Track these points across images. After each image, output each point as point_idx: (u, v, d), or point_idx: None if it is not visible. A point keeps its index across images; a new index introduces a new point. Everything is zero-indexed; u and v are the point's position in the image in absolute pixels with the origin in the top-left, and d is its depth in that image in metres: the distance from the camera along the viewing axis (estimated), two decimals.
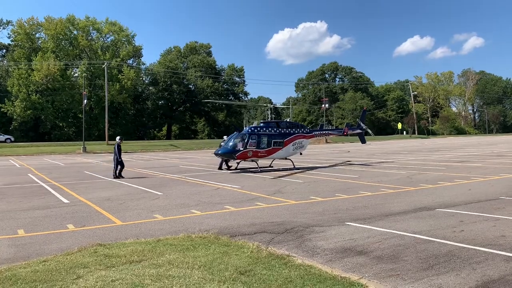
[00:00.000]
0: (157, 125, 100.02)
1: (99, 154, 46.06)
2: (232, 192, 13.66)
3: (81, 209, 11.05)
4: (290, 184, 15.47)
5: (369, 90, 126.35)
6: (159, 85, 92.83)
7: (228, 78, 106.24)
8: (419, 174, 18.16)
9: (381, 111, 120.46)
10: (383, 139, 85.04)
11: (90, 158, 38.00)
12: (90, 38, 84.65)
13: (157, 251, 6.52)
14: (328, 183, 15.79)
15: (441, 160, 26.32)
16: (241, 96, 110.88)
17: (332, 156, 33.41)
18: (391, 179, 16.56)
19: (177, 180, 17.97)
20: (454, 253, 6.37)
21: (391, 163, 24.98)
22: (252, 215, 9.75)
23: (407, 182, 15.47)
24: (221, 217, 9.54)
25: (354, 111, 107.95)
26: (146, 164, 28.86)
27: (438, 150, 38.19)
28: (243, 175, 19.61)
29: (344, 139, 72.12)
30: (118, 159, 19.04)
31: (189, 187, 15.26)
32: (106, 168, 25.90)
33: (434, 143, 62.17)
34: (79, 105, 71.02)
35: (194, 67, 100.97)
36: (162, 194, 13.50)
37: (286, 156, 22.50)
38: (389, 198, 11.91)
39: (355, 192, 12.98)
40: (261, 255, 6.28)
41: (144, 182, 17.28)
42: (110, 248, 6.76)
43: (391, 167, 22.03)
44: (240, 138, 20.98)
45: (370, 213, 9.69)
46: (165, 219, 9.50)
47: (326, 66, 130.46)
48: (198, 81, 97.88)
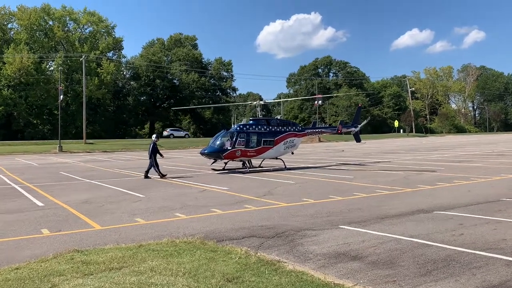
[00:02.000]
0: (139, 123, 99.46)
1: (76, 154, 45.65)
2: (219, 194, 13.64)
3: (57, 212, 10.94)
4: (281, 185, 15.50)
5: (364, 86, 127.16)
6: (141, 79, 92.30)
7: (215, 73, 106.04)
8: (416, 174, 18.32)
9: (377, 108, 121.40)
10: (379, 138, 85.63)
11: (67, 158, 37.64)
12: (66, 29, 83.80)
13: (139, 257, 6.48)
14: (321, 184, 15.84)
15: (440, 159, 26.58)
16: (229, 92, 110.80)
17: (326, 156, 33.54)
18: (387, 180, 16.67)
19: (160, 181, 17.89)
20: (453, 258, 6.44)
21: (387, 163, 25.16)
22: (241, 218, 9.75)
23: (404, 183, 15.59)
24: (208, 221, 9.52)
25: (349, 108, 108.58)
26: (127, 165, 28.66)
27: (437, 149, 38.57)
28: (231, 176, 19.60)
29: (338, 137, 72.43)
30: (153, 159, 19.13)
31: (173, 189, 15.21)
32: (84, 168, 25.69)
33: (433, 141, 62.77)
34: (55, 101, 70.18)
35: (179, 61, 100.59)
36: (144, 196, 13.45)
37: (276, 156, 22.55)
38: (385, 200, 11.99)
39: (349, 194, 13.05)
40: (250, 261, 6.28)
41: (124, 183, 17.17)
42: (88, 255, 6.70)
43: (387, 167, 22.19)
44: (228, 137, 20.98)
45: (365, 215, 9.75)
46: (147, 223, 9.46)
47: (319, 61, 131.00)
48: (183, 75, 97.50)
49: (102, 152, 48.63)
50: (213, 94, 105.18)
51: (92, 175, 20.95)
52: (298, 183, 16.27)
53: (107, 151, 50.08)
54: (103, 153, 47.85)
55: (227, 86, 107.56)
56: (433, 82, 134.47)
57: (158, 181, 17.98)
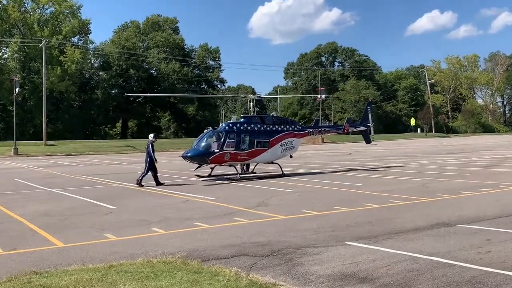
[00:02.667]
0: (110, 121, 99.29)
1: (35, 158, 45.39)
2: (205, 205, 13.64)
3: (11, 227, 10.86)
4: (278, 195, 15.51)
5: (375, 77, 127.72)
6: (112, 69, 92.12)
7: (200, 62, 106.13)
8: (436, 181, 18.41)
9: (390, 104, 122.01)
10: (393, 138, 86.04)
11: (23, 163, 37.41)
12: (23, 9, 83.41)
13: (109, 281, 6.46)
14: (324, 193, 15.87)
15: (464, 164, 26.75)
16: (216, 84, 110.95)
17: (330, 159, 33.61)
18: (402, 187, 16.73)
19: (135, 190, 17.83)
20: (479, 280, 6.47)
21: (402, 167, 25.26)
22: (230, 233, 9.75)
23: (422, 191, 15.66)
24: (191, 237, 9.51)
25: (357, 103, 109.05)
26: (95, 170, 28.53)
27: (460, 152, 38.82)
28: (218, 183, 19.57)
29: (344, 138, 72.65)
30: (150, 163, 19.11)
31: (150, 199, 15.17)
32: (44, 175, 25.55)
33: (455, 143, 63.14)
34: (9, 95, 69.74)
35: (157, 47, 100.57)
36: (115, 208, 13.42)
37: (272, 160, 22.57)
38: (399, 211, 12.05)
39: (358, 204, 13.10)
40: (241, 284, 6.28)
41: (92, 192, 17.09)
42: (48, 277, 6.66)
43: (402, 173, 22.29)
44: (215, 137, 21.01)
45: (376, 230, 9.79)
46: (119, 239, 9.43)
47: (323, 48, 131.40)
48: (161, 65, 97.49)
49: (66, 156, 48.39)
50: (197, 86, 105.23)
51: (53, 183, 20.82)
52: (298, 191, 16.27)
53: (72, 154, 49.81)
54: (67, 156, 47.60)
55: (214, 78, 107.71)
56: (455, 73, 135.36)
57: (133, 189, 17.92)
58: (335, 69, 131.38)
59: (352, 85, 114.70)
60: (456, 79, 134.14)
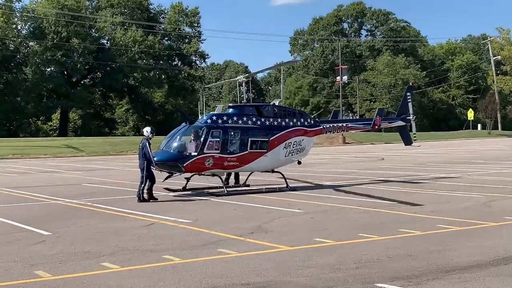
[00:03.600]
0: (43, 111, 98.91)
1: None
2: (177, 231, 13.61)
3: None
4: (280, 216, 15.48)
5: (418, 52, 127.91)
6: (47, 39, 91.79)
7: (172, 29, 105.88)
8: (503, 198, 18.44)
9: (440, 89, 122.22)
10: (443, 138, 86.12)
11: None
12: None
13: None
14: (345, 213, 15.88)
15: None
16: (194, 60, 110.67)
17: (354, 167, 33.60)
18: (455, 207, 16.74)
19: (78, 208, 17.78)
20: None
21: (456, 179, 25.29)
22: (212, 271, 9.71)
23: (483, 212, 15.66)
24: (157, 275, 9.48)
25: (393, 88, 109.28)
26: (22, 181, 28.45)
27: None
28: (197, 199, 19.57)
29: (374, 137, 72.76)
30: (146, 168, 19.32)
31: (100, 222, 15.13)
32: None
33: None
34: None
35: (111, 8, 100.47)
36: (50, 234, 13.37)
37: (273, 167, 22.51)
38: (452, 240, 12.04)
39: (392, 231, 13.09)
40: None
41: (18, 212, 17.02)
42: None
43: (456, 186, 22.31)
44: (192, 135, 21.03)
45: (419, 267, 9.76)
46: (56, 278, 9.38)
47: (345, 9, 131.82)
48: (117, 32, 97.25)
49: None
50: (167, 63, 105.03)
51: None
52: (308, 212, 16.24)
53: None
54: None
55: (192, 51, 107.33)
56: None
57: (75, 208, 17.86)
58: (361, 40, 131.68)
59: (386, 62, 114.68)
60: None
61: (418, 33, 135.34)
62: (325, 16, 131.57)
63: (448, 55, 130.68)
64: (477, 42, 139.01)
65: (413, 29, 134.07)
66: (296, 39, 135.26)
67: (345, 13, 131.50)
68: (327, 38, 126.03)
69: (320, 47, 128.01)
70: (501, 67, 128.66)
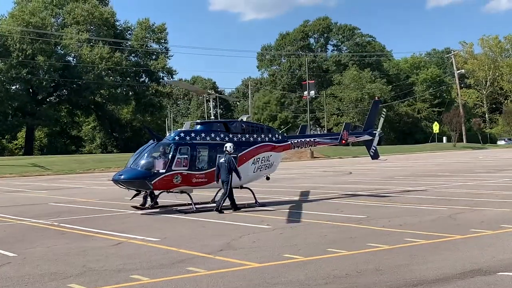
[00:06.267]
0: (8, 129, 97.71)
1: None
2: (145, 250, 13.54)
3: None
4: (249, 233, 15.48)
5: (384, 66, 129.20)
6: (12, 56, 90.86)
7: (139, 45, 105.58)
8: (469, 211, 18.61)
9: (405, 103, 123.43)
10: (409, 151, 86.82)
11: None
12: None
13: None
14: (315, 229, 15.87)
15: (508, 187, 27.14)
16: (162, 77, 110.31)
17: (323, 181, 33.70)
18: (422, 220, 16.87)
19: (44, 228, 17.60)
20: None
21: (422, 192, 25.51)
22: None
23: (450, 225, 15.79)
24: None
25: (360, 102, 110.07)
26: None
27: (503, 170, 39.40)
28: (165, 217, 19.47)
29: (342, 151, 73.11)
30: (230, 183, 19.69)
31: (67, 242, 14.97)
32: None
33: (495, 156, 63.93)
34: None
35: (76, 25, 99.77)
36: (15, 255, 13.22)
37: (242, 183, 22.43)
38: (419, 253, 12.12)
39: (361, 245, 13.14)
40: None
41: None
42: None
43: (422, 199, 22.48)
44: (159, 152, 21.00)
45: (388, 281, 9.82)
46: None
47: (311, 25, 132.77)
48: (83, 49, 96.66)
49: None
50: (134, 80, 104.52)
51: None
52: (278, 228, 16.24)
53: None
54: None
55: (159, 67, 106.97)
56: (494, 60, 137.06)
57: (42, 229, 17.66)
58: (328, 55, 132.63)
59: (353, 77, 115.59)
60: (494, 69, 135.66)
61: (383, 48, 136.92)
62: (292, 31, 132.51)
63: (413, 69, 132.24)
64: (441, 56, 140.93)
65: (378, 43, 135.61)
66: (263, 55, 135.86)
67: (312, 29, 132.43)
68: (294, 53, 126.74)
69: (287, 62, 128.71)
70: (465, 81, 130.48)
